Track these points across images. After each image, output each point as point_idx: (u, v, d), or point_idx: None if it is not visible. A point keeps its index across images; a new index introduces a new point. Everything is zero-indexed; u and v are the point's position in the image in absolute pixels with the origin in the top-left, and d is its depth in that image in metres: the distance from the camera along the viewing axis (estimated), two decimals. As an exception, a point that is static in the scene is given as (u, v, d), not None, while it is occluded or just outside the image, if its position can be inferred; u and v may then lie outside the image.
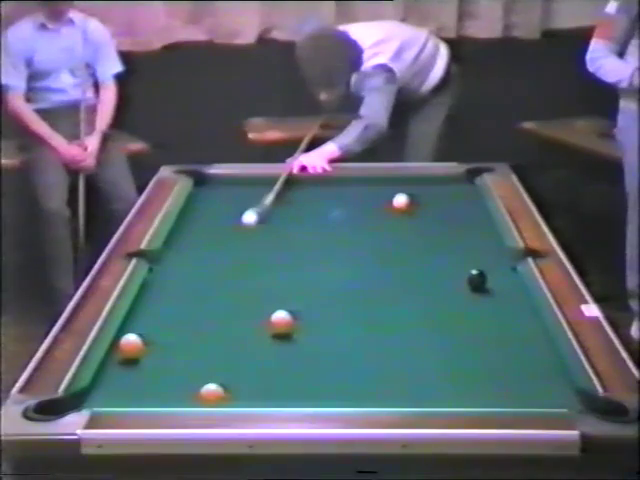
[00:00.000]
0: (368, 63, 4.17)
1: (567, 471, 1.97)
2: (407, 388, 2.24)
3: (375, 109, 4.12)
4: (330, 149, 4.00)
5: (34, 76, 4.43)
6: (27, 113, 4.43)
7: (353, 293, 2.78)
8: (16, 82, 4.41)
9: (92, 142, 4.46)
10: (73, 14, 4.46)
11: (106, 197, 4.47)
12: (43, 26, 4.42)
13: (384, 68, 4.18)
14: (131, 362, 2.37)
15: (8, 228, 4.42)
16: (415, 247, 3.15)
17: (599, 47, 3.99)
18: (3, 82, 4.39)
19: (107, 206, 4.42)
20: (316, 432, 2.03)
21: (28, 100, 4.45)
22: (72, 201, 4.45)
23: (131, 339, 2.41)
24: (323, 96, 4.17)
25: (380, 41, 4.25)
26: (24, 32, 4.42)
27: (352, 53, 4.17)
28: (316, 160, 3.93)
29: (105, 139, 4.52)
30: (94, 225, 4.43)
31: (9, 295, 4.36)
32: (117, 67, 4.59)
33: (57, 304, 3.38)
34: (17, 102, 4.43)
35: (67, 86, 4.47)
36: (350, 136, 4.06)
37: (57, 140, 4.41)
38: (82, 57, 4.46)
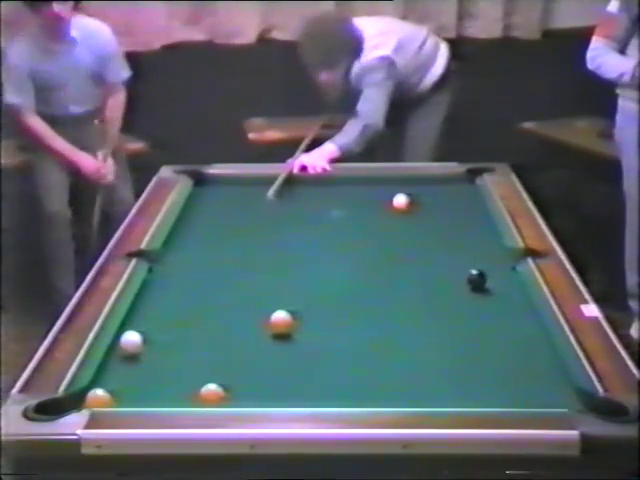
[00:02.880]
0: (370, 54, 4.15)
1: (567, 471, 1.97)
2: (407, 388, 2.24)
3: (373, 106, 4.12)
4: (330, 149, 4.00)
5: (39, 89, 4.27)
6: (44, 130, 4.30)
7: (353, 293, 2.78)
8: (25, 100, 4.25)
9: (109, 161, 4.38)
10: (75, 28, 4.26)
11: (103, 200, 4.41)
12: (44, 47, 4.23)
13: (386, 61, 4.17)
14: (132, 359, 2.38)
15: (9, 227, 4.41)
16: (415, 247, 3.15)
17: (599, 45, 3.99)
18: (12, 101, 4.25)
19: (104, 208, 4.38)
20: (316, 432, 2.03)
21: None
22: (72, 202, 4.43)
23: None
24: (324, 77, 4.15)
25: (382, 33, 4.25)
26: (24, 53, 4.24)
27: (353, 35, 4.16)
28: (316, 160, 3.93)
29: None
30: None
31: (9, 294, 4.36)
32: (125, 72, 4.48)
33: (57, 305, 3.37)
34: (32, 120, 4.29)
35: (74, 98, 4.35)
36: (349, 136, 4.06)
37: (78, 155, 4.33)
38: (88, 69, 4.34)
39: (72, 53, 4.30)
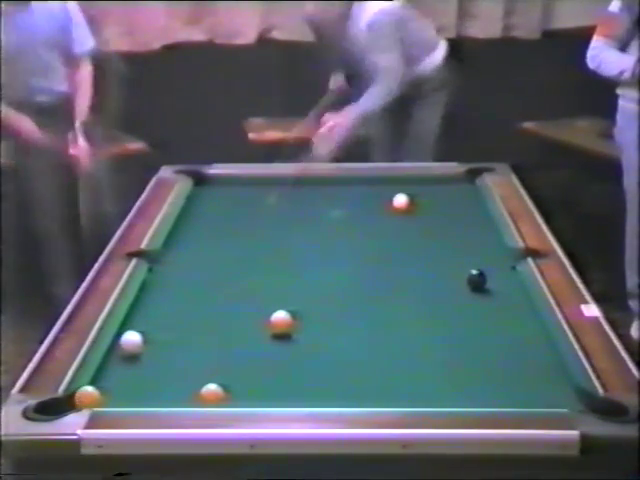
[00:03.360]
0: (377, 6, 4.17)
1: (567, 471, 1.97)
2: (407, 388, 2.24)
3: (390, 65, 4.14)
4: (356, 112, 4.03)
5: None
6: None
7: (353, 293, 2.78)
8: None
9: (80, 139, 4.08)
10: None
11: (87, 205, 4.21)
12: None
13: (394, 16, 4.20)
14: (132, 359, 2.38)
15: (8, 227, 4.40)
16: (415, 247, 3.15)
17: (600, 45, 3.98)
18: None
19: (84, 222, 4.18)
20: (316, 432, 2.03)
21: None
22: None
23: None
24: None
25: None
26: None
27: None
28: (340, 123, 3.97)
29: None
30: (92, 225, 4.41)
31: (8, 295, 4.35)
32: (90, 42, 4.20)
33: (54, 307, 3.31)
34: None
35: (37, 71, 4.05)
36: (373, 100, 4.10)
37: (19, 118, 4.00)
38: (48, 38, 4.03)
39: (28, 18, 4.02)
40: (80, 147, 4.12)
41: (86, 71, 4.21)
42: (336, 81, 4.47)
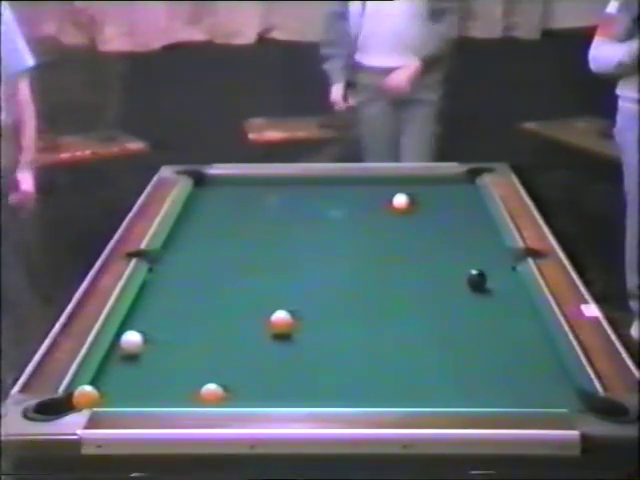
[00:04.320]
0: None
1: (567, 471, 1.97)
2: (407, 388, 2.24)
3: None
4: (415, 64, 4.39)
5: None
6: None
7: (353, 293, 2.78)
8: None
9: (27, 180, 3.67)
10: None
11: None
12: None
13: None
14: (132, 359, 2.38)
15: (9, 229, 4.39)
16: (415, 247, 3.15)
17: (600, 46, 3.98)
18: None
19: None
20: (316, 432, 2.03)
21: None
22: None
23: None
24: None
25: None
26: None
27: None
28: (401, 80, 4.37)
29: None
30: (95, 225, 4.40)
31: (9, 297, 4.35)
32: (29, 60, 3.60)
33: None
34: None
35: None
36: (430, 47, 4.44)
37: None
38: None
39: None
40: (24, 193, 3.72)
41: (26, 92, 3.64)
42: (338, 91, 4.44)
